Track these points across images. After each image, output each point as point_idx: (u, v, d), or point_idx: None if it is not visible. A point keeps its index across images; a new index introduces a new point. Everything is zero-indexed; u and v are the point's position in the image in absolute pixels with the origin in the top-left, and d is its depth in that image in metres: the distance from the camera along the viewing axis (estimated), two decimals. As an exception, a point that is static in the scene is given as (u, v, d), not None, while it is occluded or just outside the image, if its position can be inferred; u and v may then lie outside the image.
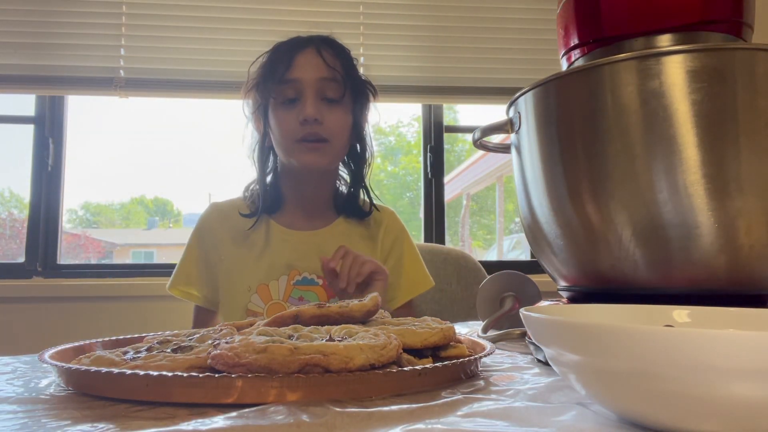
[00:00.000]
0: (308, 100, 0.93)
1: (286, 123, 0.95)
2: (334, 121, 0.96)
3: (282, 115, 0.96)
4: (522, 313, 0.36)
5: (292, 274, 1.00)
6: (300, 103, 0.94)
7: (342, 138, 0.98)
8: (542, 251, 0.59)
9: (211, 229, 1.05)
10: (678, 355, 0.26)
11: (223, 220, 1.04)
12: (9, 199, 2.30)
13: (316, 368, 0.38)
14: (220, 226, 1.04)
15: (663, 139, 0.46)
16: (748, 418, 0.27)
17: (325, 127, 0.94)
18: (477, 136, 0.64)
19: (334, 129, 0.96)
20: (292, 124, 0.94)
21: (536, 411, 0.35)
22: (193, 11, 1.84)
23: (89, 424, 0.33)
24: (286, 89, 0.95)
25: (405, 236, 1.11)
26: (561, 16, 0.63)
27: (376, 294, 0.57)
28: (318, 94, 0.95)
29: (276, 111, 0.97)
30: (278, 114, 0.96)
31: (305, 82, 0.94)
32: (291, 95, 0.95)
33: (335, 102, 0.96)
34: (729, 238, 0.45)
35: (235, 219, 1.03)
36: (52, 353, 0.47)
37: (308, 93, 0.94)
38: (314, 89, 0.94)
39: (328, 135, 0.95)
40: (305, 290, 1.00)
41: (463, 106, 2.22)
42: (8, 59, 1.76)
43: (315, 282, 1.00)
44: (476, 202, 3.94)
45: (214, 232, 1.04)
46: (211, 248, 1.03)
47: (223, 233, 1.03)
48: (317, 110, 0.93)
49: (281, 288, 1.00)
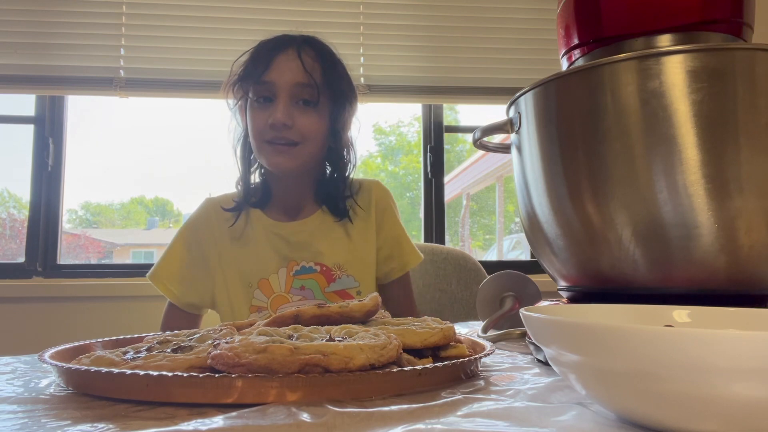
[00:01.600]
0: (280, 104, 0.94)
1: (257, 122, 0.96)
2: (307, 125, 0.96)
3: (255, 114, 0.97)
4: (522, 313, 0.36)
5: (291, 265, 1.01)
6: (273, 105, 0.95)
7: (315, 141, 0.98)
8: (542, 251, 0.59)
9: (209, 226, 1.04)
10: (678, 355, 0.26)
11: (219, 217, 1.04)
12: (8, 199, 2.30)
13: (316, 368, 0.38)
14: (218, 223, 1.03)
15: (663, 139, 0.46)
16: (748, 418, 0.27)
17: (295, 130, 0.95)
18: (477, 136, 0.64)
19: (305, 132, 0.96)
20: (262, 125, 0.95)
21: (536, 411, 0.35)
22: (193, 11, 1.84)
23: (89, 424, 0.33)
24: (262, 89, 0.96)
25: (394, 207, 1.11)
26: (561, 16, 0.63)
27: (376, 294, 0.57)
28: (292, 98, 0.95)
29: (251, 109, 0.98)
30: (252, 112, 0.97)
31: (279, 86, 0.95)
32: (266, 94, 0.96)
33: (310, 105, 0.96)
34: (729, 238, 0.45)
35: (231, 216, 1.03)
36: (52, 353, 0.47)
37: (281, 97, 0.94)
38: (288, 93, 0.95)
39: (299, 138, 0.95)
40: (305, 279, 1.00)
41: (463, 106, 2.22)
42: (8, 59, 1.76)
43: (313, 269, 1.01)
44: (476, 202, 3.94)
45: (212, 229, 1.03)
46: (209, 246, 1.02)
47: (221, 230, 1.03)
48: (287, 115, 0.94)
49: (282, 280, 1.00)
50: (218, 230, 1.03)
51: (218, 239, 1.03)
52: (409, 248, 1.09)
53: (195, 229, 1.04)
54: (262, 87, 0.96)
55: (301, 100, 0.96)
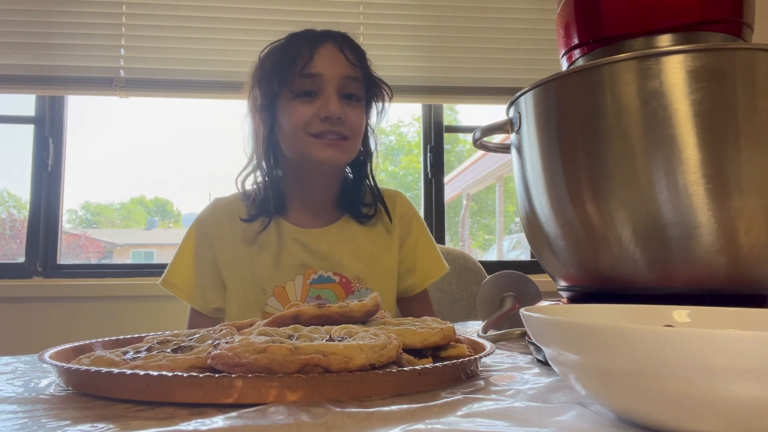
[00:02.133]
0: (332, 97, 0.90)
1: (301, 115, 0.91)
2: (355, 119, 0.94)
3: (299, 107, 0.91)
4: (522, 313, 0.36)
5: (308, 273, 0.97)
6: (320, 98, 0.91)
7: (360, 136, 0.96)
8: (542, 251, 0.59)
9: (219, 226, 0.98)
10: (678, 355, 0.26)
11: (231, 218, 0.98)
12: (8, 200, 2.30)
13: (316, 368, 0.38)
14: (229, 224, 0.98)
15: (663, 139, 0.46)
16: (748, 418, 0.27)
17: (347, 125, 0.92)
18: (477, 136, 0.64)
19: (354, 127, 0.93)
20: (309, 118, 0.90)
21: (536, 411, 0.35)
22: (193, 11, 1.84)
23: (89, 424, 0.33)
24: (306, 82, 0.91)
25: (417, 219, 1.08)
26: (561, 16, 0.63)
27: (376, 294, 0.57)
28: (340, 91, 0.92)
29: (291, 103, 0.92)
30: (294, 106, 0.91)
31: (328, 78, 0.91)
32: (310, 88, 0.91)
33: (353, 99, 0.94)
34: (729, 238, 0.45)
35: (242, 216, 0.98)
36: (52, 353, 0.47)
37: (330, 90, 0.91)
38: (336, 86, 0.91)
39: (350, 132, 0.93)
40: (322, 288, 0.96)
41: (463, 106, 2.22)
42: (8, 59, 1.76)
43: (331, 279, 0.97)
44: (476, 202, 3.94)
45: (222, 230, 0.98)
46: (221, 249, 0.97)
47: (235, 233, 0.98)
48: (341, 108, 0.90)
49: (298, 288, 0.96)
50: (230, 232, 0.98)
51: (230, 241, 0.97)
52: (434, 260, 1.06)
53: (204, 231, 0.99)
54: (306, 80, 0.91)
55: (346, 95, 0.93)
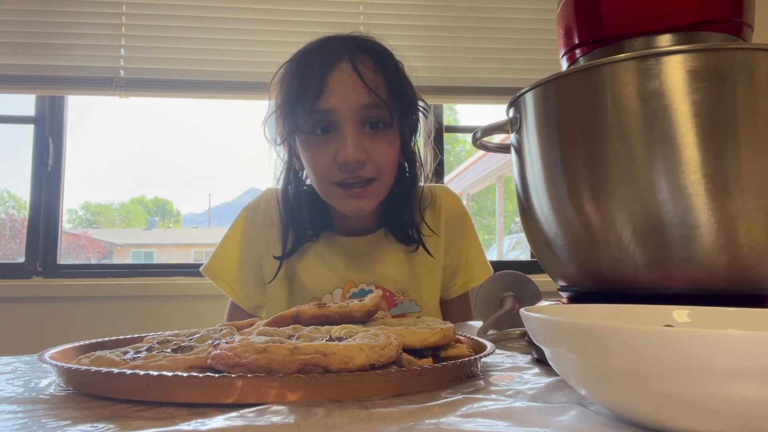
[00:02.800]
0: (348, 136, 0.77)
1: (320, 161, 0.79)
2: (381, 155, 0.79)
3: (315, 150, 0.80)
4: (522, 313, 0.36)
5: (347, 286, 0.90)
6: (336, 135, 0.78)
7: (391, 170, 0.83)
8: (542, 251, 0.59)
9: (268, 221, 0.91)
10: (678, 355, 0.26)
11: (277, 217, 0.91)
12: (8, 200, 2.30)
13: (316, 368, 0.38)
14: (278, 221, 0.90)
15: (663, 139, 0.46)
16: (748, 418, 0.27)
17: (370, 165, 0.79)
18: (477, 136, 0.64)
19: (381, 164, 0.80)
20: (328, 165, 0.79)
21: (536, 411, 0.35)
22: (193, 11, 1.84)
23: (89, 424, 0.33)
24: (319, 119, 0.79)
25: (466, 219, 0.99)
26: (561, 16, 0.63)
27: (376, 294, 0.57)
28: (359, 124, 0.78)
29: (308, 146, 0.80)
30: (310, 151, 0.80)
31: (342, 112, 0.77)
32: (325, 124, 0.79)
33: (379, 128, 0.80)
34: (729, 238, 0.45)
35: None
36: (52, 353, 0.47)
37: (347, 127, 0.77)
38: (353, 119, 0.78)
39: (375, 173, 0.79)
40: None
41: (463, 106, 2.22)
42: (8, 59, 1.76)
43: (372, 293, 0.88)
44: (476, 202, 3.94)
45: (271, 226, 0.91)
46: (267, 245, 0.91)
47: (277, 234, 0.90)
48: (359, 149, 0.77)
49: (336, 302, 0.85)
50: (277, 229, 0.90)
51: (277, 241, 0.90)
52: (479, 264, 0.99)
53: (253, 221, 0.92)
54: (318, 117, 0.78)
55: (368, 124, 0.79)
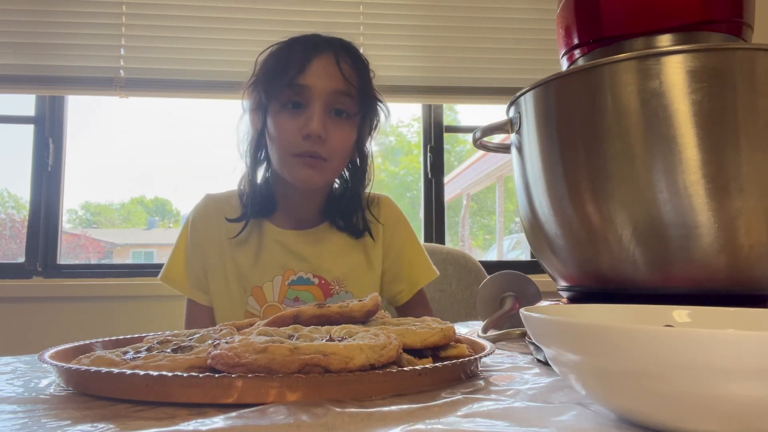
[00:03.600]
0: (315, 113, 0.86)
1: (286, 132, 0.88)
2: (338, 139, 0.89)
3: (284, 121, 0.89)
4: (522, 313, 0.36)
5: (287, 274, 0.96)
6: (306, 111, 0.87)
7: (342, 157, 0.93)
8: (542, 251, 0.59)
9: (208, 224, 0.99)
10: (678, 355, 0.26)
11: (220, 216, 0.98)
12: (8, 200, 2.30)
13: (316, 368, 0.38)
14: (218, 222, 0.98)
15: (663, 139, 0.46)
16: (748, 418, 0.27)
17: (327, 145, 0.88)
18: (477, 136, 0.64)
19: (335, 148, 0.89)
20: (293, 135, 0.88)
21: (536, 411, 0.35)
22: (193, 11, 1.84)
23: (89, 424, 0.33)
24: (294, 94, 0.88)
25: (404, 224, 1.06)
26: (561, 16, 0.63)
27: (376, 294, 0.57)
28: (326, 106, 0.88)
29: (278, 115, 0.90)
30: (280, 120, 0.89)
31: (316, 92, 0.87)
32: (298, 99, 0.88)
33: (343, 116, 0.90)
34: (729, 238, 0.45)
35: (232, 214, 0.98)
36: (52, 353, 0.47)
37: (316, 104, 0.87)
38: (324, 101, 0.87)
39: (328, 154, 0.89)
40: (301, 290, 0.96)
41: (463, 106, 2.22)
42: (8, 59, 1.76)
43: (311, 281, 0.97)
44: (476, 202, 3.94)
45: (210, 226, 0.99)
46: (211, 244, 0.98)
47: (220, 229, 0.98)
48: (323, 126, 0.86)
49: (276, 289, 0.96)
50: (217, 229, 0.99)
51: (216, 238, 0.98)
52: (422, 266, 1.05)
53: (196, 227, 1.00)
54: (294, 91, 0.87)
55: (334, 110, 0.89)
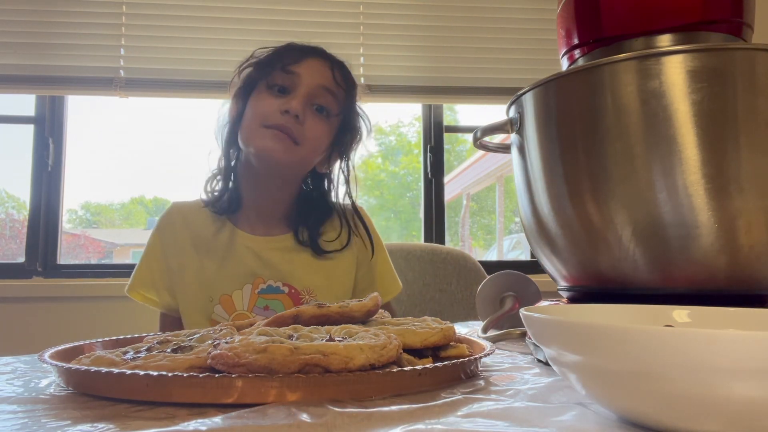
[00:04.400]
0: (298, 96, 0.89)
1: (263, 106, 0.90)
2: (313, 129, 0.91)
3: (265, 99, 0.91)
4: (522, 313, 0.36)
5: (257, 282, 0.94)
6: (289, 96, 0.90)
7: (313, 147, 0.93)
8: (542, 251, 0.59)
9: (174, 232, 0.97)
10: (678, 355, 0.26)
11: (186, 224, 0.97)
12: (7, 200, 2.30)
13: (316, 368, 0.38)
14: (183, 230, 0.97)
15: (663, 139, 0.46)
16: (748, 418, 0.27)
17: (301, 129, 0.89)
18: (477, 136, 0.64)
19: (309, 135, 0.91)
20: (270, 111, 0.89)
21: (536, 411, 0.35)
22: (193, 11, 1.84)
23: (89, 424, 0.33)
24: (284, 77, 0.91)
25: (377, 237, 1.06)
26: (561, 16, 0.63)
27: (376, 294, 0.57)
28: (309, 98, 0.91)
29: (261, 94, 0.92)
30: (262, 97, 0.92)
31: (304, 80, 0.91)
32: (284, 84, 0.91)
33: (323, 113, 0.93)
34: (729, 238, 0.45)
35: (197, 224, 0.97)
36: (52, 353, 0.47)
37: (302, 91, 0.90)
38: (308, 91, 0.91)
39: (301, 138, 0.90)
40: (270, 299, 0.94)
41: (463, 106, 2.22)
42: (8, 59, 1.76)
43: (280, 290, 0.95)
44: (476, 202, 3.94)
45: (176, 235, 0.97)
46: (173, 253, 0.96)
47: (185, 238, 0.96)
48: (303, 109, 0.89)
49: (245, 297, 0.94)
50: (181, 237, 0.97)
51: (181, 247, 0.96)
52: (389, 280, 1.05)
53: (162, 234, 0.98)
54: (284, 75, 0.91)
55: (316, 105, 0.92)
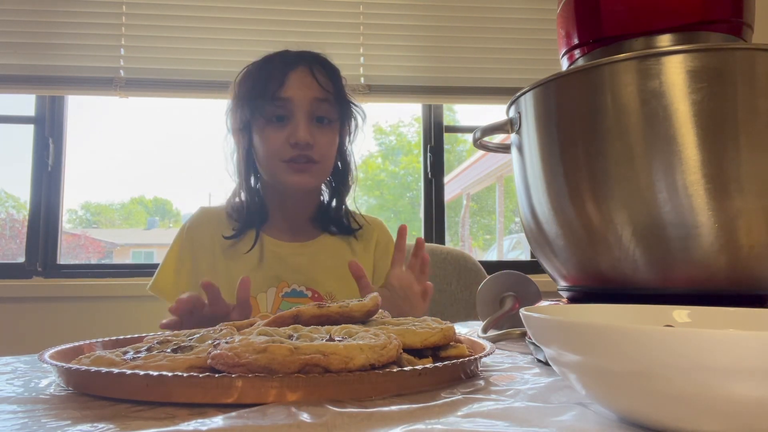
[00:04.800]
0: (300, 123, 0.92)
1: (273, 143, 0.94)
2: (325, 143, 0.96)
3: (270, 134, 0.94)
4: (522, 313, 0.36)
5: (281, 286, 0.99)
6: (290, 122, 0.93)
7: (330, 159, 0.99)
8: (542, 251, 0.59)
9: (203, 235, 1.01)
10: (678, 355, 0.26)
11: (215, 228, 1.01)
12: (6, 199, 2.30)
13: (316, 368, 0.38)
14: (213, 234, 1.00)
15: (663, 139, 0.46)
16: (748, 418, 0.27)
17: (315, 149, 0.94)
18: (477, 136, 0.64)
19: (323, 151, 0.96)
20: (280, 145, 0.93)
21: (536, 411, 0.35)
22: (193, 11, 1.84)
23: (89, 424, 0.33)
24: (278, 108, 0.93)
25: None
26: (561, 16, 0.63)
27: (376, 294, 0.57)
28: (309, 115, 0.94)
29: (264, 130, 0.95)
30: (266, 133, 0.94)
31: (297, 102, 0.93)
32: (281, 113, 0.94)
33: (324, 122, 0.96)
34: (729, 238, 0.45)
35: (224, 228, 1.00)
36: (52, 353, 0.47)
37: (300, 115, 0.93)
38: (306, 110, 0.93)
39: (318, 157, 0.95)
40: (294, 302, 0.98)
41: (463, 106, 2.22)
42: (8, 59, 1.76)
43: (304, 294, 0.99)
44: (476, 202, 3.94)
45: (204, 239, 1.00)
46: (204, 255, 0.99)
47: (215, 242, 1.00)
48: (309, 133, 0.92)
49: (269, 300, 0.98)
50: (210, 241, 1.00)
51: (211, 250, 1.00)
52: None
53: (190, 238, 1.01)
54: (277, 105, 0.93)
55: (316, 118, 0.95)
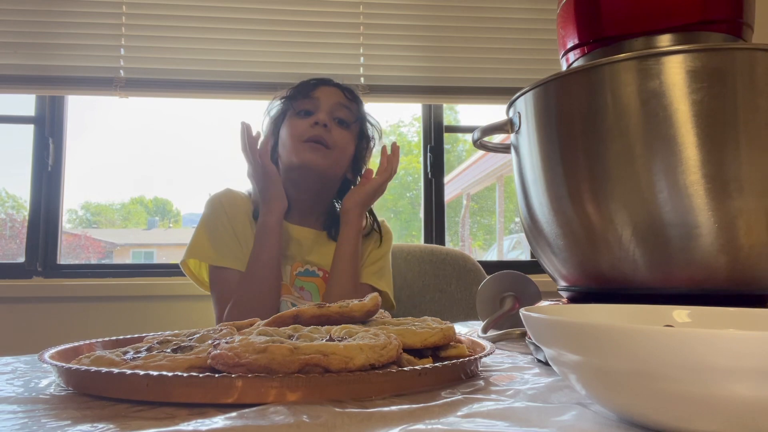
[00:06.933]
0: (322, 110, 1.08)
1: (297, 127, 1.08)
2: (340, 137, 1.09)
3: (296, 121, 1.09)
4: (522, 313, 0.36)
5: (295, 265, 1.09)
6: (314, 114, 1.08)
7: (343, 153, 1.10)
8: (542, 251, 0.59)
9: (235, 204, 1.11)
10: (678, 355, 0.26)
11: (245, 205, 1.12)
12: (6, 199, 2.30)
13: (316, 368, 0.38)
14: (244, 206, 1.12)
15: (663, 139, 0.46)
16: (748, 418, 0.27)
17: (330, 137, 1.07)
18: (477, 136, 0.64)
19: (337, 140, 1.08)
20: (303, 129, 1.06)
21: (536, 411, 0.35)
22: (193, 11, 1.84)
23: (89, 424, 0.33)
24: (306, 102, 1.09)
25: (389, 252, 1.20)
26: (561, 16, 0.63)
27: (376, 294, 0.57)
28: (331, 113, 1.09)
29: (293, 118, 1.10)
30: (294, 121, 1.09)
31: (323, 101, 1.09)
32: (308, 108, 1.09)
33: (344, 125, 1.10)
34: (729, 238, 0.45)
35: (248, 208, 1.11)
36: (52, 353, 0.47)
37: (324, 107, 1.08)
38: (329, 107, 1.09)
39: (332, 144, 1.07)
40: (306, 281, 1.09)
41: (463, 106, 2.22)
42: (8, 59, 1.76)
43: (316, 274, 1.10)
44: (476, 202, 3.94)
45: (238, 207, 1.11)
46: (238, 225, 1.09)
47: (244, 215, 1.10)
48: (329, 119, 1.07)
49: (286, 277, 1.08)
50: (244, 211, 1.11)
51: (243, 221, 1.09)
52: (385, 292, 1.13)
53: (221, 203, 1.10)
54: (307, 101, 1.09)
55: (337, 119, 1.10)
